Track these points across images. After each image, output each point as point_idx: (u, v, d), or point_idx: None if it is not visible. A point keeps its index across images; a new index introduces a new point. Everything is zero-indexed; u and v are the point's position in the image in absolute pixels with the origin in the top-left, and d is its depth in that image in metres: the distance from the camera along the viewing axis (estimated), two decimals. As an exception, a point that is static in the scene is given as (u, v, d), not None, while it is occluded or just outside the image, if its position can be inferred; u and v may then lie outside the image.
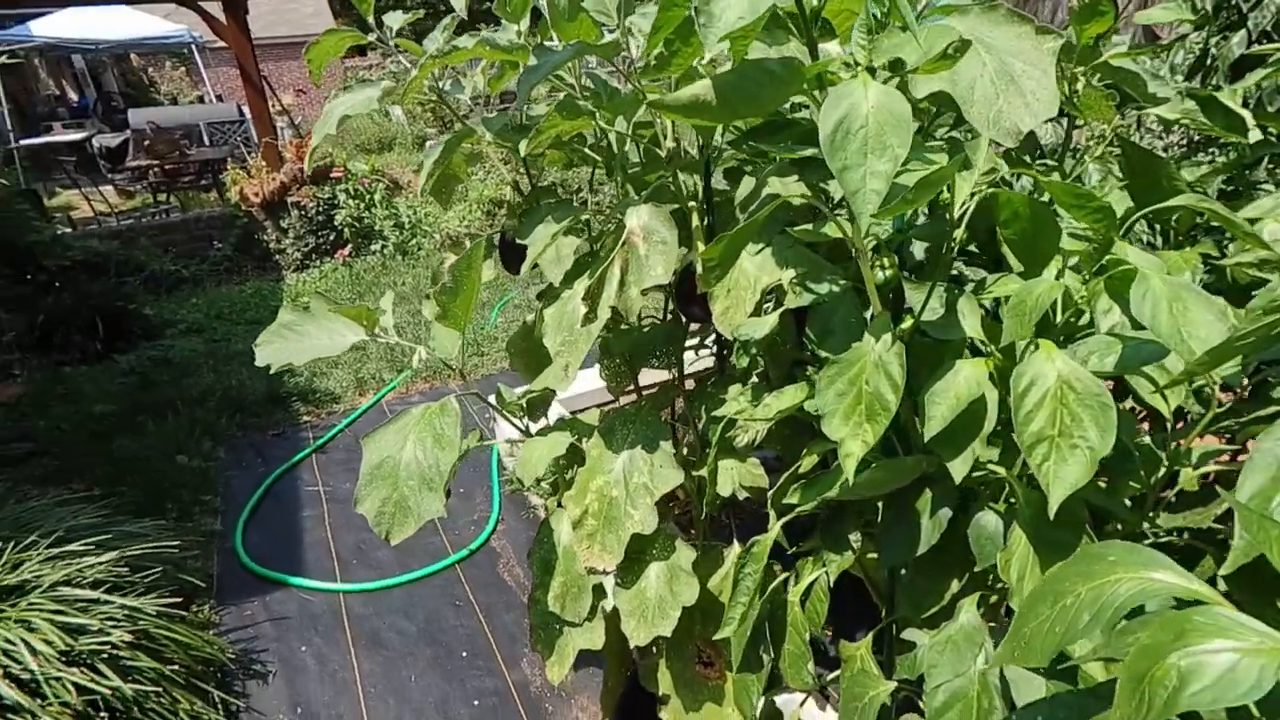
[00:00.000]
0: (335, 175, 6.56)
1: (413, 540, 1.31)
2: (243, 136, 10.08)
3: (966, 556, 0.89)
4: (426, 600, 2.61)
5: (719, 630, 1.23)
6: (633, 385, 1.80)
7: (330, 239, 6.48)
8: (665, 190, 1.42)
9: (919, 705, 1.05)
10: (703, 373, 1.90)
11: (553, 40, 1.40)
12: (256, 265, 6.55)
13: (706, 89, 0.66)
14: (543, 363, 1.85)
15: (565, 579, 1.49)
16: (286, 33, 17.49)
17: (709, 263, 1.00)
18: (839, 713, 1.04)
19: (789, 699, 1.71)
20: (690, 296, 1.56)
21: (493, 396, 1.67)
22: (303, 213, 6.39)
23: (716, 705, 1.66)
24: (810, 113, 1.27)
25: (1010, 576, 0.76)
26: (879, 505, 1.05)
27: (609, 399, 2.84)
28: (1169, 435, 0.85)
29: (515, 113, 1.60)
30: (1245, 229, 0.71)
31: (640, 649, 1.73)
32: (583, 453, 1.56)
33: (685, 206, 1.39)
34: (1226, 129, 0.99)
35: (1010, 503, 0.86)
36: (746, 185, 1.45)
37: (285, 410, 3.97)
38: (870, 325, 0.80)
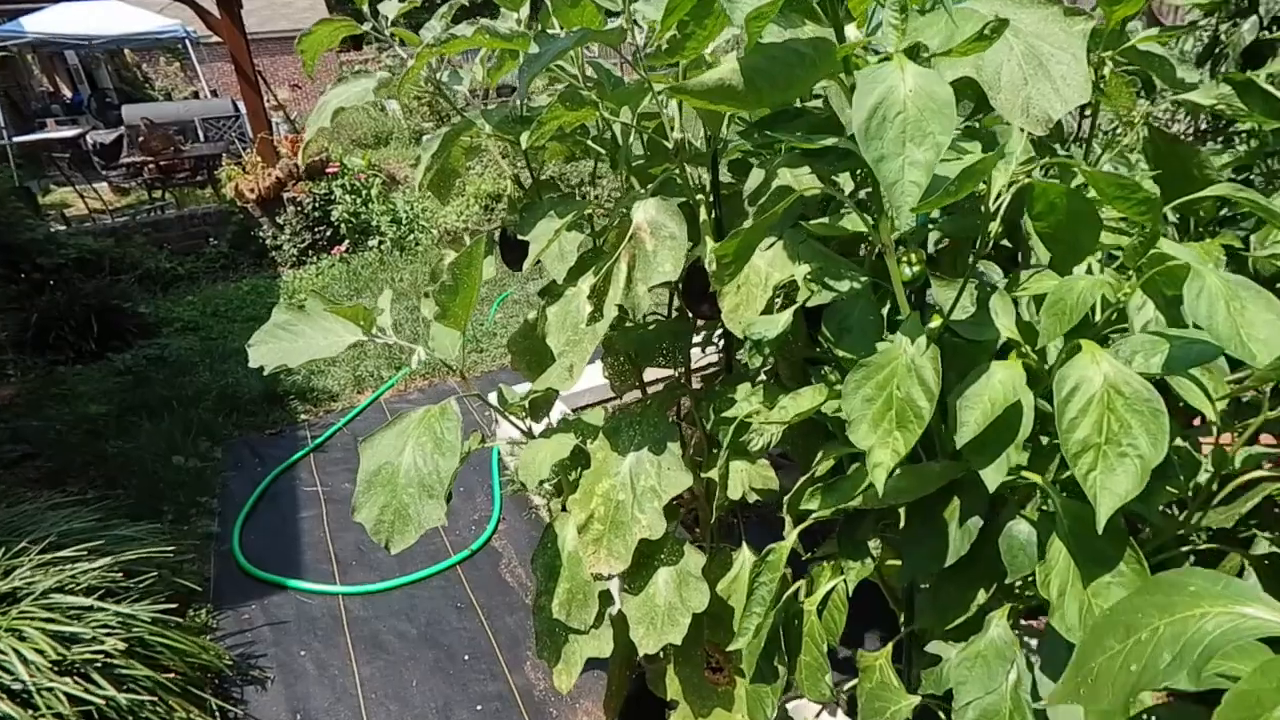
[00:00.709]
0: (331, 170, 6.49)
1: (412, 543, 1.27)
2: (238, 132, 9.99)
3: (995, 567, 0.85)
4: (427, 602, 2.57)
5: (732, 641, 1.19)
6: (637, 383, 1.75)
7: (327, 235, 6.42)
8: (672, 183, 1.37)
9: None
10: (709, 369, 1.85)
11: (555, 28, 1.35)
12: (253, 262, 6.49)
13: (732, 73, 0.61)
14: (545, 361, 1.81)
15: (571, 585, 1.45)
16: (282, 27, 17.36)
17: (723, 259, 0.95)
18: (858, 726, 1.00)
19: (800, 704, 1.67)
20: (698, 293, 1.52)
21: (493, 396, 1.63)
22: (299, 209, 6.33)
23: (726, 711, 1.62)
24: (825, 101, 1.23)
25: (1049, 592, 0.71)
26: (900, 510, 1.01)
27: (611, 395, 2.79)
28: (1211, 436, 0.81)
29: (516, 104, 1.55)
30: (1293, 220, 0.66)
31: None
32: (587, 455, 1.52)
33: (693, 200, 1.35)
34: (1265, 114, 0.95)
35: (1044, 510, 0.81)
36: (755, 177, 1.40)
37: (283, 409, 3.92)
38: (902, 325, 0.75)
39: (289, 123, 10.65)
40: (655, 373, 1.84)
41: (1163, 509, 0.92)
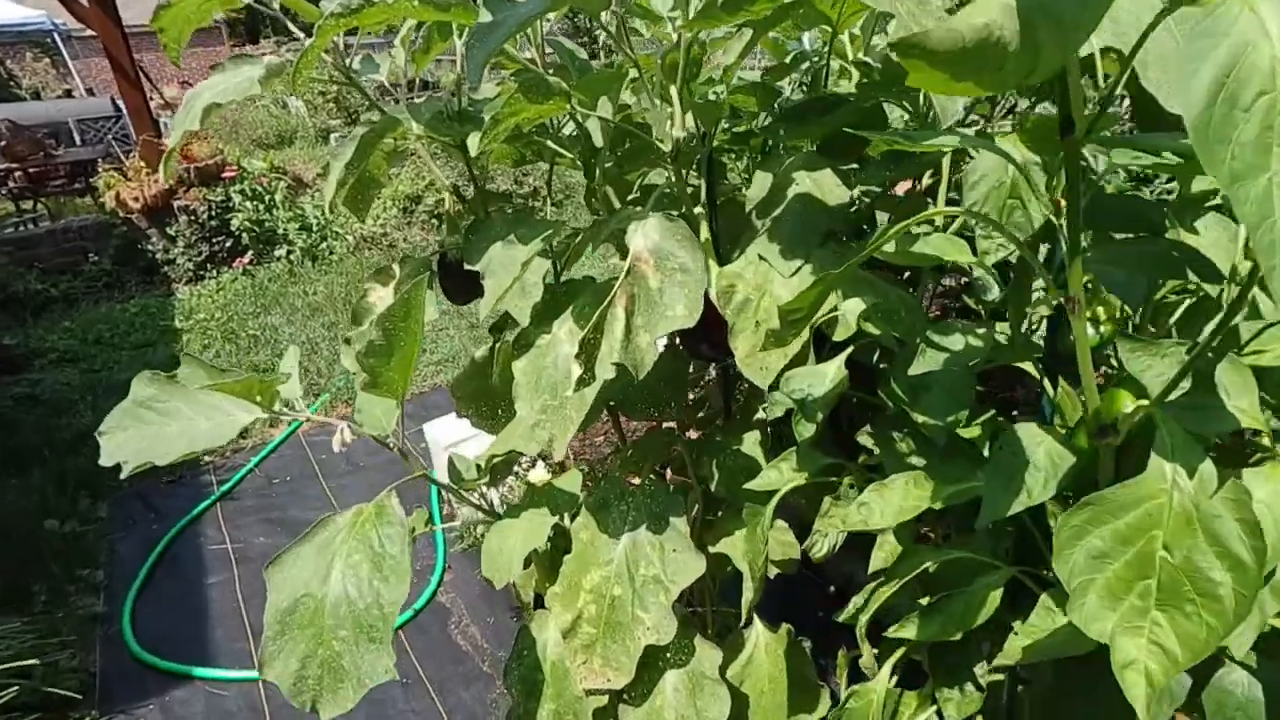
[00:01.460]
0: (229, 175, 5.87)
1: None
2: (120, 134, 9.08)
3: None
4: (366, 680, 2.20)
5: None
6: (615, 430, 1.46)
7: (227, 246, 5.80)
8: (662, 193, 1.08)
9: None
10: (699, 409, 1.58)
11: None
12: (141, 279, 5.80)
13: (1004, 15, 0.33)
14: (499, 408, 1.49)
15: (557, 705, 1.15)
16: (166, 19, 15.96)
17: (793, 315, 0.67)
18: None
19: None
20: (697, 328, 1.24)
21: (443, 471, 1.31)
22: (192, 218, 5.70)
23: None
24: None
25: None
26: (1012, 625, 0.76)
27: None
28: None
29: (449, 97, 1.22)
30: None
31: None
32: (567, 533, 1.22)
33: (691, 214, 1.06)
34: None
35: (1267, 654, 0.58)
36: (762, 183, 1.12)
37: (182, 451, 3.42)
38: (1159, 437, 0.49)
39: (179, 122, 9.73)
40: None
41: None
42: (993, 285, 1.48)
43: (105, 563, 2.75)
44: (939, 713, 0.81)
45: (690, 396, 1.74)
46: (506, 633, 2.35)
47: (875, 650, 0.98)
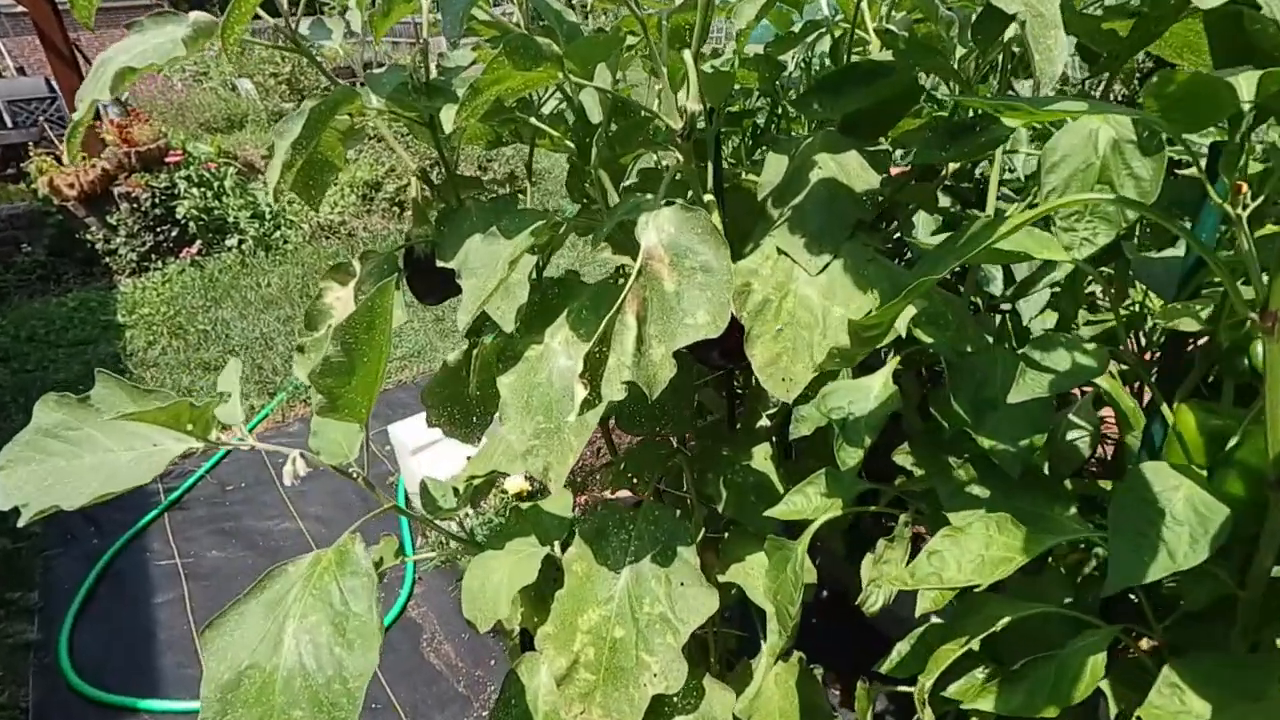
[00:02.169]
0: (173, 160, 5.54)
1: None
2: (55, 116, 8.55)
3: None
4: (331, 706, 2.04)
5: None
6: (608, 446, 1.32)
7: (173, 235, 5.47)
8: (671, 180, 0.94)
9: None
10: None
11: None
12: (80, 271, 5.44)
13: None
14: (475, 416, 1.34)
15: (551, 762, 1.02)
16: (104, -5, 15.19)
17: (868, 330, 0.54)
18: None
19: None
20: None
21: (411, 478, 1.16)
22: (135, 205, 5.35)
23: None
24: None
25: None
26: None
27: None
28: None
29: (415, 67, 1.06)
30: None
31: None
32: (557, 563, 1.08)
33: (701, 201, 0.93)
34: None
35: None
36: (776, 166, 0.99)
37: (125, 458, 3.18)
38: None
39: (119, 104, 9.23)
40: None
41: None
42: (996, 277, 1.37)
43: (40, 584, 2.52)
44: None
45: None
46: (483, 649, 2.21)
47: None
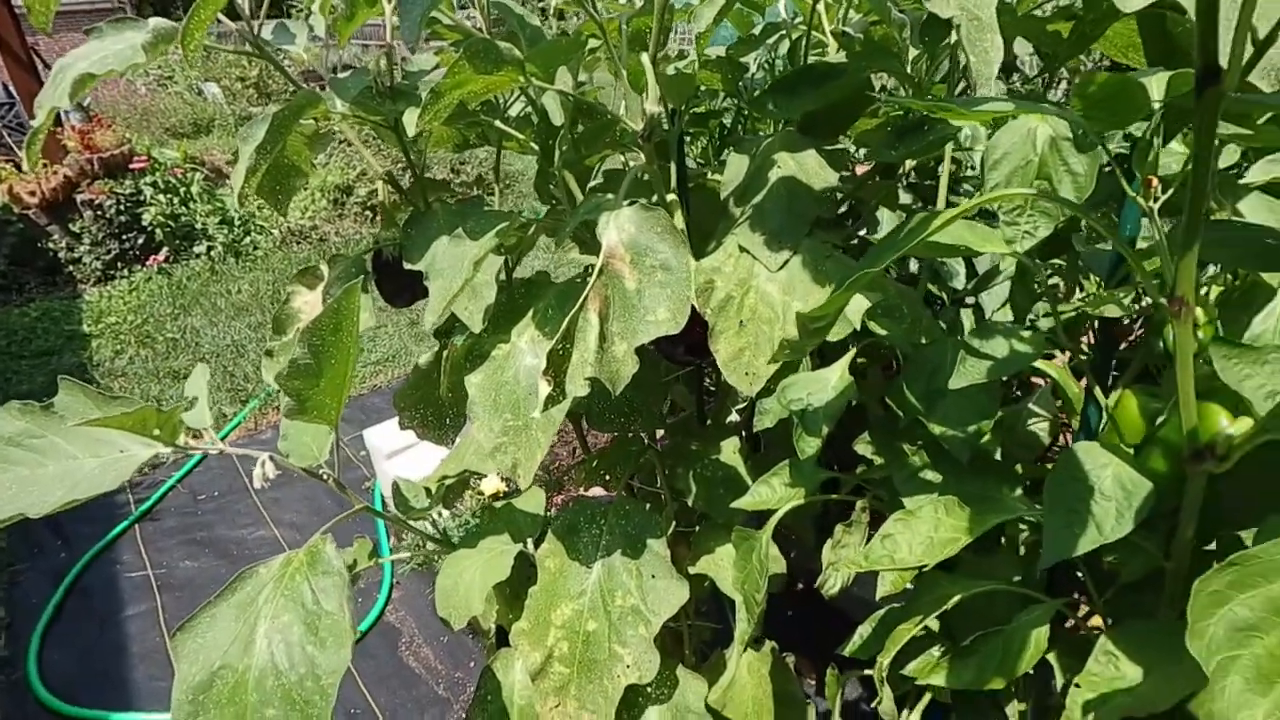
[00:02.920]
0: (138, 166, 5.44)
1: None
2: (13, 123, 8.36)
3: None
4: (309, 713, 2.03)
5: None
6: (580, 443, 1.34)
7: (139, 243, 5.38)
8: (634, 180, 0.96)
9: None
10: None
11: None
12: (43, 280, 5.33)
13: None
14: (448, 418, 1.35)
15: (527, 756, 1.03)
16: (63, 2, 14.86)
17: (815, 322, 0.56)
18: None
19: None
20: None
21: (387, 481, 1.16)
22: (99, 213, 5.25)
23: None
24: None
25: None
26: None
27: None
28: None
29: (380, 69, 1.07)
30: None
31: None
32: (531, 560, 1.09)
33: (664, 201, 0.95)
34: None
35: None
36: (737, 165, 1.01)
37: (93, 469, 3.13)
38: None
39: (81, 109, 9.03)
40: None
41: None
42: (958, 272, 1.40)
43: (5, 598, 2.47)
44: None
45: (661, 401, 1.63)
46: (462, 652, 2.21)
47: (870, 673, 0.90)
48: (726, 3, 0.92)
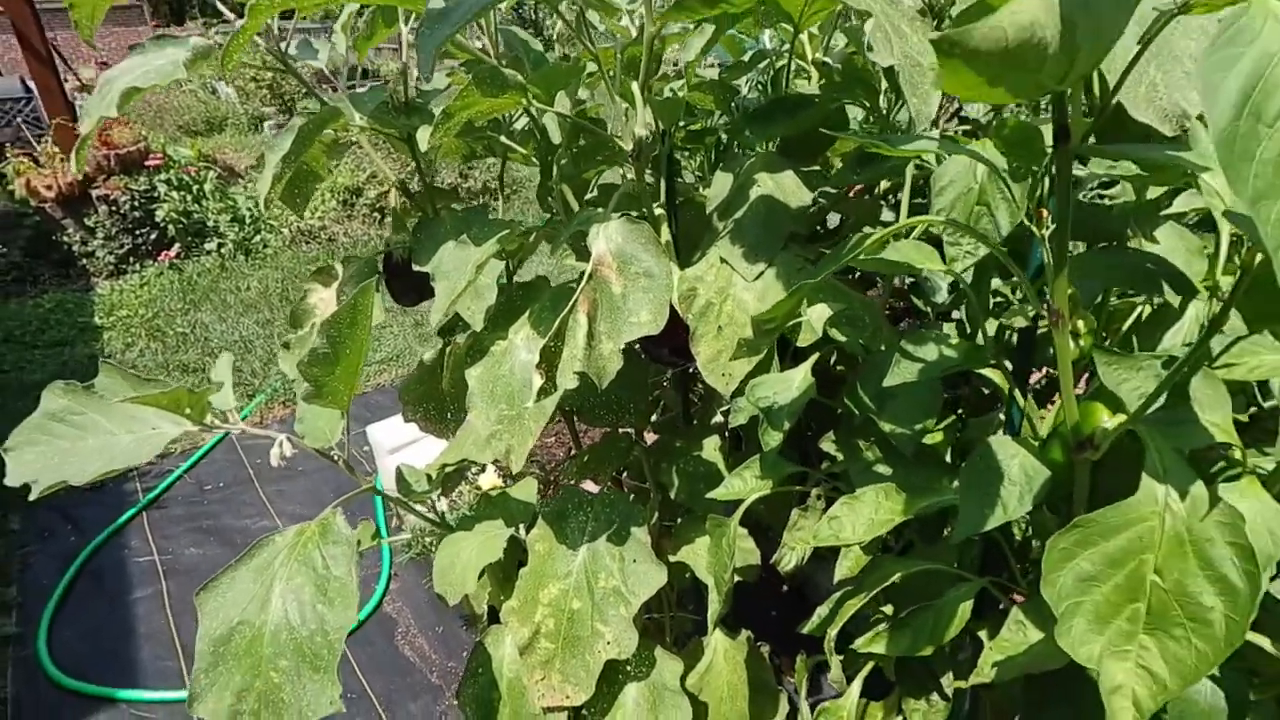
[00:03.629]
0: (153, 163, 5.56)
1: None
2: (30, 117, 8.50)
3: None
4: (308, 696, 2.10)
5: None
6: (572, 440, 1.42)
7: (151, 238, 5.49)
8: (625, 194, 1.05)
9: None
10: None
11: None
12: (57, 273, 5.44)
13: (1045, 12, 0.30)
14: (450, 412, 1.44)
15: (514, 725, 1.11)
16: (82, -5, 15.02)
17: (766, 324, 0.65)
18: None
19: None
20: (660, 333, 1.21)
21: (389, 476, 1.25)
22: (114, 208, 5.37)
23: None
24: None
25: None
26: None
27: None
28: None
29: (395, 86, 1.16)
30: None
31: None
32: (522, 545, 1.17)
33: (651, 214, 1.03)
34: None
35: (1229, 663, 0.58)
36: (723, 183, 1.10)
37: (103, 457, 3.21)
38: (1149, 458, 0.48)
39: (97, 106, 9.15)
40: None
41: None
42: (941, 287, 1.49)
43: (18, 578, 2.56)
44: (906, 724, 0.81)
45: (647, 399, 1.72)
46: (455, 642, 2.29)
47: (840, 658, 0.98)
48: (714, 35, 1.01)
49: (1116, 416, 0.55)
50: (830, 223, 1.50)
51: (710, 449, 1.23)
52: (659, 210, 1.03)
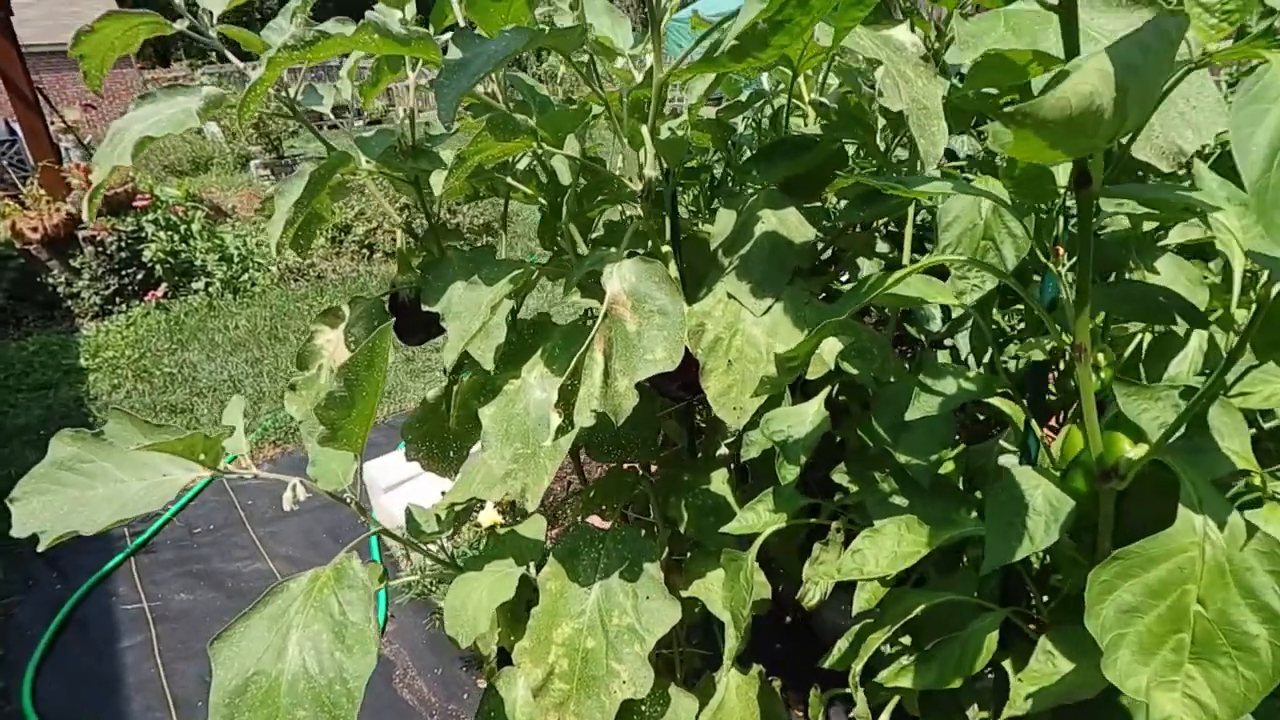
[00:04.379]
0: (140, 203, 5.55)
1: None
2: (15, 159, 8.50)
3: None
4: (304, 744, 2.05)
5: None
6: (578, 475, 1.42)
7: (138, 278, 5.46)
8: (634, 233, 1.06)
9: None
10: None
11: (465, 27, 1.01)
12: (41, 315, 5.39)
13: (1103, 82, 0.32)
14: (452, 450, 1.43)
15: (528, 770, 1.09)
16: (67, 40, 15.14)
17: (789, 362, 0.66)
18: None
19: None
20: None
21: (383, 514, 1.24)
22: (100, 249, 5.34)
23: None
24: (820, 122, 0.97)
25: None
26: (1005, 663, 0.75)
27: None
28: None
29: (402, 129, 1.18)
30: None
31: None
32: (533, 584, 1.16)
33: (660, 252, 1.05)
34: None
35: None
36: (725, 220, 1.12)
37: (89, 502, 3.15)
38: (1185, 489, 0.49)
39: (82, 147, 9.18)
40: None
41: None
42: (935, 316, 1.51)
43: (1, 630, 2.49)
44: (932, 757, 0.81)
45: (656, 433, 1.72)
46: (455, 684, 2.24)
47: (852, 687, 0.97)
48: (716, 78, 1.04)
49: (1139, 446, 0.57)
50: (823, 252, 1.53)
51: (719, 482, 1.24)
52: (665, 248, 1.05)
